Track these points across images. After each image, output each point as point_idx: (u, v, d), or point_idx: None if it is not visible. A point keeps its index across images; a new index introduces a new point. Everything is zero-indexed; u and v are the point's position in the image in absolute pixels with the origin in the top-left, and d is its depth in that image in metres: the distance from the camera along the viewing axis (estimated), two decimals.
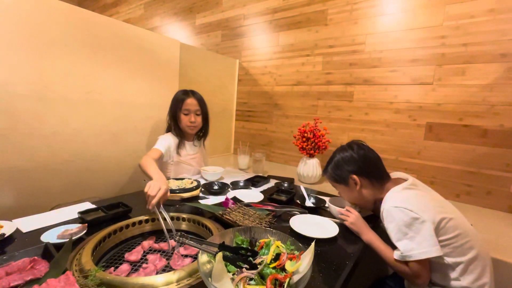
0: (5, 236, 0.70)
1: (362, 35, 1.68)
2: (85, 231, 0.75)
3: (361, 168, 0.90)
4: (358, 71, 1.71)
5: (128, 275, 0.65)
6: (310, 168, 1.60)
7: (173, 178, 1.27)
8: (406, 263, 0.75)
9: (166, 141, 1.40)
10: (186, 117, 1.42)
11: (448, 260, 0.75)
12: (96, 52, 1.35)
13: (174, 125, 1.46)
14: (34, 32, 1.13)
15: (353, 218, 0.89)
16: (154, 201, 0.87)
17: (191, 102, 1.41)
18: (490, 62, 1.31)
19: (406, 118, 1.57)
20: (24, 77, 1.12)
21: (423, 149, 1.53)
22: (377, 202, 0.90)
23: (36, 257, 0.58)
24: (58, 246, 0.64)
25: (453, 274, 0.76)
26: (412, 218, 0.74)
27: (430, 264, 0.76)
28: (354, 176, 0.90)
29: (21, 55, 1.11)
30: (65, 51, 1.23)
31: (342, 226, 0.91)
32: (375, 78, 1.65)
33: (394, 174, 0.96)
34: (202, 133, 1.55)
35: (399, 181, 0.89)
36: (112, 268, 0.66)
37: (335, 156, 0.97)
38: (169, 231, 0.81)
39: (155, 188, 0.90)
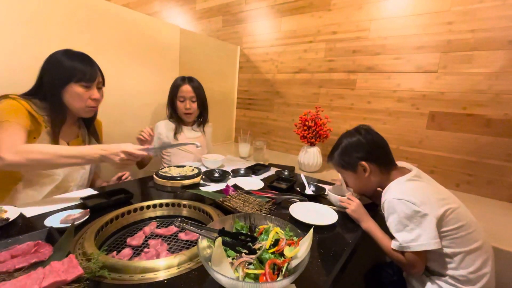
0: (10, 220, 0.71)
1: (366, 21, 1.63)
2: (87, 217, 0.76)
3: (370, 154, 0.88)
4: (361, 58, 1.68)
5: (130, 259, 0.66)
6: (311, 157, 1.60)
7: (174, 166, 1.28)
8: (402, 252, 0.76)
9: (156, 133, 1.45)
10: (182, 103, 1.45)
11: (447, 250, 0.75)
12: (95, 38, 1.33)
13: (172, 111, 1.50)
14: (30, 16, 1.11)
15: (355, 205, 0.90)
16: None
17: (186, 89, 1.43)
18: (497, 49, 1.28)
19: (409, 107, 1.55)
20: (22, 64, 1.11)
21: (425, 138, 1.52)
22: (378, 190, 0.91)
23: (40, 241, 0.60)
24: (61, 231, 0.66)
25: (451, 264, 0.76)
26: (414, 211, 0.74)
27: (427, 254, 0.77)
28: (364, 163, 0.88)
29: (18, 40, 1.10)
30: (62, 36, 1.20)
31: (341, 213, 0.92)
32: (379, 65, 1.62)
33: (398, 163, 0.95)
34: (201, 119, 1.56)
35: (404, 170, 0.88)
36: (115, 252, 0.67)
37: (342, 142, 0.93)
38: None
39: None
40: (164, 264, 0.58)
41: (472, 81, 1.35)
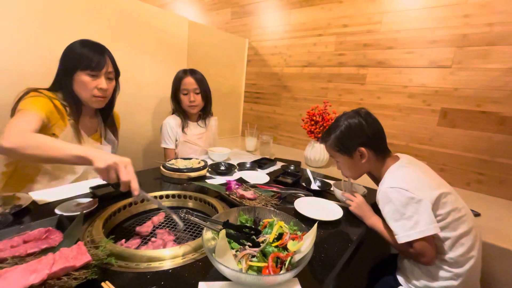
0: (22, 207, 0.74)
1: (378, 14, 1.59)
2: (96, 205, 0.78)
3: (370, 140, 0.84)
4: (372, 52, 1.64)
5: (137, 247, 0.68)
6: (317, 152, 1.59)
7: (181, 158, 1.29)
8: (410, 243, 0.74)
9: (168, 132, 1.44)
10: (186, 96, 1.42)
11: (440, 234, 0.75)
12: (104, 30, 1.33)
13: (176, 106, 1.48)
14: (42, 9, 1.12)
15: (357, 202, 0.89)
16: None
17: (188, 82, 1.40)
18: None
19: (420, 103, 1.51)
20: (35, 55, 1.12)
21: (435, 136, 1.48)
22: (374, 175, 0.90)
23: (50, 228, 0.61)
24: (71, 218, 0.67)
25: (442, 248, 0.76)
26: (409, 197, 0.73)
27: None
28: (363, 149, 0.84)
29: (31, 33, 1.11)
30: (73, 28, 1.22)
31: (346, 209, 0.92)
32: (390, 60, 1.58)
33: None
34: (204, 113, 1.54)
35: (396, 158, 0.87)
36: (123, 240, 0.69)
37: (341, 124, 0.87)
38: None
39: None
40: (170, 254, 0.59)
41: (488, 77, 1.31)
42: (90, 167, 0.90)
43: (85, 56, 0.91)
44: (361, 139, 0.84)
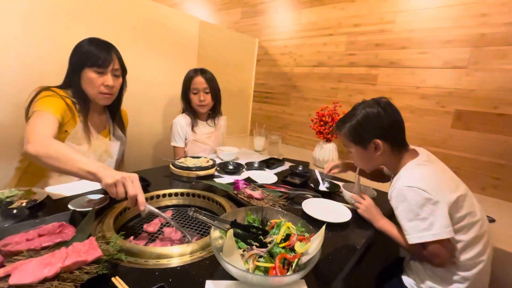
0: (37, 201, 0.76)
1: (391, 13, 1.56)
2: (107, 202, 0.79)
3: (388, 132, 0.79)
4: (384, 52, 1.61)
5: (146, 244, 0.69)
6: (326, 153, 1.57)
7: (190, 156, 1.30)
8: (423, 245, 0.72)
9: (178, 130, 1.45)
10: (196, 96, 1.43)
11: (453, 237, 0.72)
12: (116, 29, 1.36)
13: (186, 105, 1.49)
14: (55, 8, 1.16)
15: (366, 205, 0.87)
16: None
17: (199, 81, 1.41)
18: None
19: (433, 105, 1.47)
20: (48, 54, 1.16)
21: (449, 138, 1.44)
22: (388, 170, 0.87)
23: (64, 222, 0.63)
24: (83, 214, 0.69)
25: (452, 250, 0.74)
26: (425, 198, 0.70)
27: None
28: (378, 141, 0.79)
29: (45, 32, 1.15)
30: (86, 28, 1.24)
31: (355, 212, 0.90)
32: (402, 60, 1.55)
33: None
34: (214, 112, 1.55)
35: (414, 153, 0.83)
36: (132, 237, 0.70)
37: (359, 112, 0.82)
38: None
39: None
40: (178, 252, 0.60)
41: (506, 79, 1.26)
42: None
43: (92, 54, 0.94)
44: (377, 130, 0.80)
